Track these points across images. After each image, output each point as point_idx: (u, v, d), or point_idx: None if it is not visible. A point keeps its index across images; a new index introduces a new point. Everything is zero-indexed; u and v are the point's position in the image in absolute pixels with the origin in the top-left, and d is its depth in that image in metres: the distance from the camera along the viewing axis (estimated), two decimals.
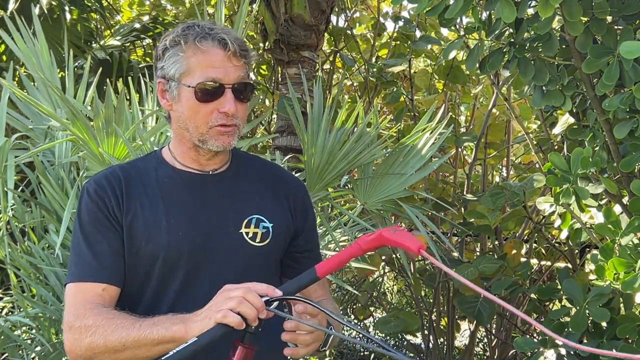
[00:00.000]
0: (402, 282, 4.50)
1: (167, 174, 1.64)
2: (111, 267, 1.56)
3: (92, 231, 1.58)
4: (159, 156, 1.69)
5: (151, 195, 1.61)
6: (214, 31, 1.55)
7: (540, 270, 4.09)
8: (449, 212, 3.60)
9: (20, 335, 2.60)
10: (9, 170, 2.42)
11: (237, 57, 1.55)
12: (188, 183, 1.63)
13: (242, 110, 1.59)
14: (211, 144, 1.58)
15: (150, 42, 5.34)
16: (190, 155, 1.64)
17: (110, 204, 1.58)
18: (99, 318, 1.48)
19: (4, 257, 2.49)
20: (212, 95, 1.55)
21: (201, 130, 1.57)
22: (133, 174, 1.64)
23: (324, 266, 1.38)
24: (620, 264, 2.10)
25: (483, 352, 4.90)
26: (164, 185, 1.63)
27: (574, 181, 2.20)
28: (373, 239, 1.35)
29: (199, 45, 1.54)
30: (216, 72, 1.54)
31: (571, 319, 2.32)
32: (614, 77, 2.02)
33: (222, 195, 1.64)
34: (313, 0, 4.00)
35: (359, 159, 2.72)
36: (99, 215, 1.58)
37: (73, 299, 1.54)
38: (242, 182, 1.68)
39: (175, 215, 1.59)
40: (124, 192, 1.60)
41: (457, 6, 2.04)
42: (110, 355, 1.46)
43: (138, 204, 1.59)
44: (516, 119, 3.27)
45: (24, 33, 2.74)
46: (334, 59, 5.14)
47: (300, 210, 1.70)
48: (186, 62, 1.56)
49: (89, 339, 1.46)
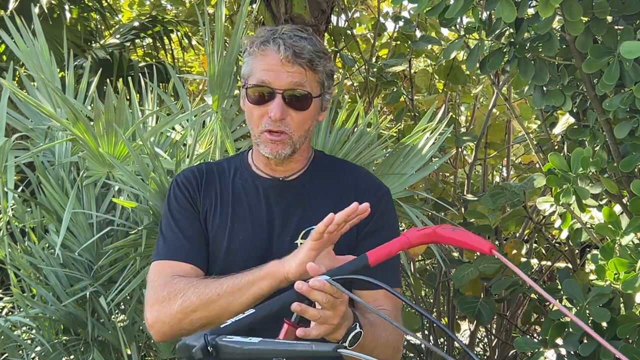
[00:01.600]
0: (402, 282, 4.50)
1: (244, 177, 1.68)
2: (198, 250, 1.62)
3: (181, 217, 1.64)
4: (244, 158, 1.72)
5: (224, 197, 1.65)
6: (277, 35, 1.56)
7: (541, 270, 4.09)
8: (449, 212, 3.60)
9: (20, 335, 2.60)
10: (9, 171, 2.42)
11: (290, 62, 1.54)
12: (258, 189, 1.66)
13: (296, 118, 1.57)
14: (262, 149, 1.60)
15: (150, 42, 5.33)
16: (262, 160, 1.67)
17: (194, 195, 1.65)
18: (189, 281, 1.52)
19: (4, 257, 2.49)
20: (261, 99, 1.56)
21: (254, 133, 1.60)
22: (216, 173, 1.69)
23: (375, 254, 1.35)
24: (621, 264, 2.10)
25: (483, 352, 4.90)
26: (238, 187, 1.66)
27: (574, 181, 2.20)
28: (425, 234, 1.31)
29: (260, 49, 1.56)
30: (268, 75, 1.55)
31: (571, 319, 2.32)
32: (614, 77, 2.01)
33: (287, 204, 1.64)
34: (313, 0, 4.00)
35: (359, 159, 2.71)
36: (186, 204, 1.65)
37: (161, 273, 1.59)
38: (312, 191, 1.67)
39: (239, 219, 1.62)
40: (203, 188, 1.66)
41: (457, 6, 2.04)
42: (203, 309, 1.48)
43: (212, 202, 1.65)
44: (516, 119, 3.27)
45: (24, 33, 2.73)
46: (334, 59, 5.14)
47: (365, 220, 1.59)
48: (251, 64, 1.59)
49: (181, 300, 1.50)
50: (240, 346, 1.16)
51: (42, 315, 2.50)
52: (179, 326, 1.51)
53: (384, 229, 1.69)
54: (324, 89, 1.62)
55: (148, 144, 2.38)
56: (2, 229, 2.47)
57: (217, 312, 1.48)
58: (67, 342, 2.51)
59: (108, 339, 2.51)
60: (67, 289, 2.47)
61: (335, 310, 1.35)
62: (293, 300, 1.33)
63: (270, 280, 1.44)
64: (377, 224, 1.67)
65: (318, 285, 1.30)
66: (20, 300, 2.50)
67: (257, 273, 1.46)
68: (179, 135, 2.62)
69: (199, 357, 1.19)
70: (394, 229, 1.73)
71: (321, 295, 1.32)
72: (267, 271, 1.44)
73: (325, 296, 1.32)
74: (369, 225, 1.66)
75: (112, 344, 2.51)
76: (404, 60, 4.13)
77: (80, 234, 2.49)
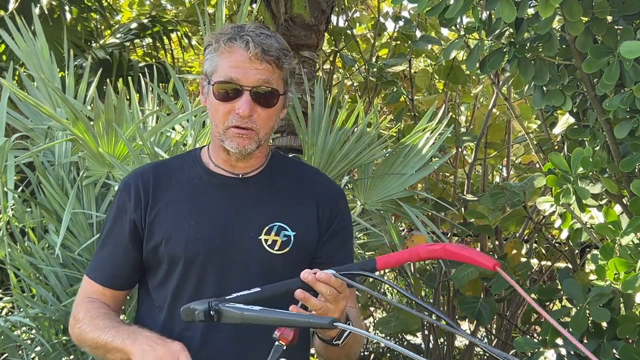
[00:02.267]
0: (402, 282, 4.50)
1: (198, 174, 1.66)
2: (112, 272, 1.66)
3: (109, 232, 1.68)
4: (196, 155, 1.71)
5: (178, 195, 1.63)
6: (244, 32, 1.56)
7: (541, 271, 4.09)
8: (449, 212, 3.60)
9: (20, 335, 2.60)
10: (9, 170, 2.42)
11: (259, 59, 1.54)
12: (216, 185, 1.64)
13: (262, 115, 1.57)
14: (227, 144, 1.59)
15: (150, 42, 5.34)
16: (222, 156, 1.65)
17: (129, 205, 1.63)
18: (87, 315, 1.61)
19: (4, 257, 2.49)
20: (229, 95, 1.56)
21: (219, 130, 1.59)
22: (165, 172, 1.68)
23: (383, 260, 1.40)
24: (621, 264, 2.10)
25: (483, 352, 4.90)
26: (193, 185, 1.65)
27: (574, 181, 2.20)
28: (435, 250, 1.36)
29: (227, 45, 1.55)
30: (236, 72, 1.55)
31: (571, 319, 2.32)
32: (614, 77, 2.01)
33: (248, 200, 1.64)
34: (313, 0, 4.00)
35: (359, 159, 2.72)
36: (117, 217, 1.65)
37: (81, 289, 1.70)
38: (272, 187, 1.67)
39: (197, 216, 1.61)
40: (151, 191, 1.63)
41: (457, 6, 2.04)
42: (89, 348, 1.60)
43: (164, 203, 1.63)
44: (516, 119, 3.27)
45: (24, 33, 2.73)
46: (334, 59, 5.14)
47: (327, 218, 1.68)
48: (216, 60, 1.58)
49: (77, 330, 1.61)
50: (241, 312, 1.21)
51: (42, 315, 2.49)
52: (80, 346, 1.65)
53: (346, 229, 1.73)
54: (287, 86, 1.63)
55: (148, 144, 2.38)
56: (2, 229, 2.47)
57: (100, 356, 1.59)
58: (67, 342, 2.51)
59: None
60: (67, 289, 2.47)
61: (337, 304, 1.40)
62: (297, 287, 1.36)
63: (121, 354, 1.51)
64: (340, 225, 1.71)
65: (324, 277, 1.35)
66: (20, 300, 2.50)
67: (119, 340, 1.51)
68: (179, 135, 2.62)
69: (201, 319, 1.24)
70: (351, 231, 1.78)
71: (326, 287, 1.36)
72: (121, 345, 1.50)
73: (329, 289, 1.36)
74: (332, 226, 1.69)
75: None
76: (404, 60, 4.13)
77: (80, 234, 2.49)
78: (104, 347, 1.54)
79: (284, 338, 1.29)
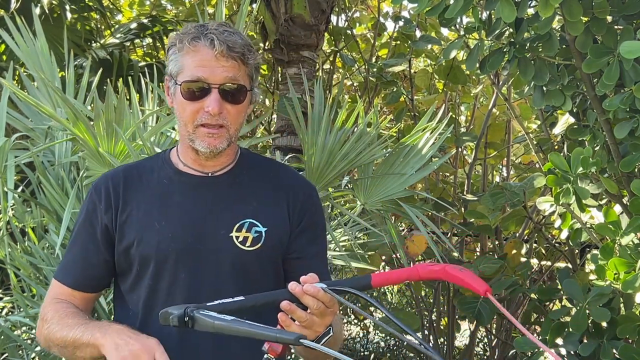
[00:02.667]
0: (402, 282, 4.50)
1: (167, 175, 1.66)
2: (80, 274, 1.64)
3: (78, 234, 1.66)
4: (166, 156, 1.71)
5: (149, 196, 1.63)
6: (208, 31, 1.55)
7: (541, 270, 4.09)
8: (449, 212, 3.60)
9: (20, 335, 2.60)
10: (9, 170, 2.42)
11: (225, 57, 1.54)
12: (186, 185, 1.64)
13: (232, 112, 1.58)
14: (198, 144, 1.58)
15: (150, 42, 5.34)
16: (190, 155, 1.65)
17: (100, 207, 1.63)
18: (55, 314, 1.58)
19: (4, 257, 2.49)
20: (197, 94, 1.55)
21: (189, 129, 1.58)
22: (135, 174, 1.67)
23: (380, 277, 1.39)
24: (621, 264, 2.10)
25: (483, 352, 4.90)
26: (163, 186, 1.64)
27: (574, 181, 2.20)
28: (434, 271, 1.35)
29: (192, 45, 1.55)
30: (202, 71, 1.54)
31: (571, 319, 2.32)
32: (614, 77, 2.02)
33: (218, 198, 1.63)
34: (313, 0, 4.00)
35: (359, 159, 2.72)
36: (86, 219, 1.64)
37: (49, 291, 1.66)
38: (242, 184, 1.67)
39: (167, 217, 1.60)
40: (122, 193, 1.63)
41: (457, 6, 2.04)
42: (58, 348, 1.57)
43: (135, 205, 1.62)
44: (516, 119, 3.27)
45: (24, 33, 2.73)
46: (334, 59, 5.14)
47: (298, 213, 1.67)
48: (181, 61, 1.57)
49: (46, 331, 1.58)
50: (213, 321, 1.20)
51: None
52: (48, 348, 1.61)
53: (317, 225, 1.72)
54: (253, 82, 1.63)
55: (148, 144, 2.38)
56: (2, 229, 2.47)
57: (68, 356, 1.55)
58: None
59: None
60: None
61: (323, 318, 1.37)
62: (284, 298, 1.34)
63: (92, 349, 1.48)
64: (311, 220, 1.70)
65: (312, 290, 1.33)
66: (20, 300, 2.50)
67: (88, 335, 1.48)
68: (178, 135, 2.62)
69: (175, 324, 1.24)
70: (323, 226, 1.76)
71: (313, 301, 1.33)
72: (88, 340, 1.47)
73: (316, 302, 1.34)
74: (302, 222, 1.68)
75: None
76: (404, 60, 4.13)
77: None
78: (72, 344, 1.51)
79: (272, 351, 1.30)
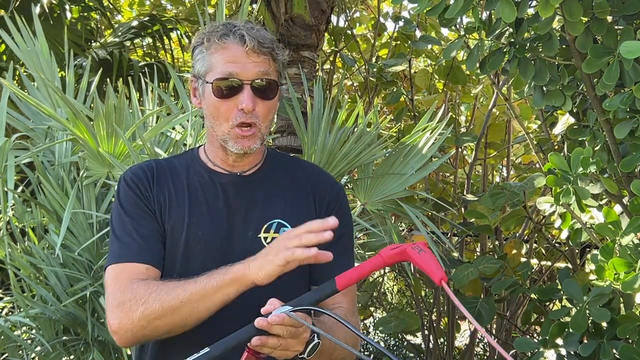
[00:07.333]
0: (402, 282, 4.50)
1: (198, 172, 1.65)
2: (154, 248, 1.57)
3: (134, 216, 1.58)
4: (195, 154, 1.70)
5: (179, 193, 1.62)
6: (236, 27, 1.54)
7: (541, 271, 4.09)
8: (449, 212, 3.60)
9: (20, 335, 2.60)
10: (9, 170, 2.42)
11: (256, 52, 1.53)
12: (216, 184, 1.63)
13: (263, 108, 1.56)
14: (231, 145, 1.57)
15: (150, 42, 5.34)
16: (219, 155, 1.64)
17: (145, 193, 1.60)
18: (149, 286, 1.47)
19: (4, 257, 2.49)
20: (230, 91, 1.54)
21: (224, 129, 1.57)
22: (166, 169, 1.65)
23: (345, 277, 1.34)
24: (621, 264, 2.10)
25: (483, 352, 4.90)
26: (193, 183, 1.63)
27: (574, 181, 2.20)
28: (396, 253, 1.32)
29: (221, 42, 1.54)
30: (234, 67, 1.53)
31: (571, 319, 2.32)
32: (614, 77, 2.01)
33: (247, 198, 1.62)
34: (313, 0, 4.00)
35: (359, 159, 2.72)
36: (138, 201, 1.60)
37: (117, 278, 1.52)
38: (270, 185, 1.65)
39: (197, 215, 1.59)
40: (154, 184, 1.61)
41: (457, 6, 2.04)
42: (166, 317, 1.44)
43: (166, 199, 1.61)
44: (516, 119, 3.27)
45: (24, 32, 2.73)
46: (334, 59, 5.14)
47: (325, 211, 1.64)
48: (209, 59, 1.56)
49: (142, 307, 1.45)
50: None
51: (42, 315, 2.49)
52: (142, 333, 1.48)
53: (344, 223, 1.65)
54: (280, 78, 1.63)
55: (148, 144, 2.38)
56: (2, 229, 2.47)
57: (181, 319, 1.45)
58: (67, 342, 2.51)
59: (108, 339, 2.51)
60: (67, 289, 2.47)
61: (298, 338, 1.35)
62: (251, 335, 1.31)
63: (236, 286, 1.42)
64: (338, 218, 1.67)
65: (277, 320, 1.30)
66: (20, 300, 2.51)
67: (220, 278, 1.42)
68: (179, 135, 2.62)
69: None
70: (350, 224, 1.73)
71: (282, 328, 1.31)
72: (232, 277, 1.41)
73: (285, 329, 1.32)
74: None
75: (112, 344, 2.51)
76: (404, 60, 4.13)
77: (80, 234, 2.49)
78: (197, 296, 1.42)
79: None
